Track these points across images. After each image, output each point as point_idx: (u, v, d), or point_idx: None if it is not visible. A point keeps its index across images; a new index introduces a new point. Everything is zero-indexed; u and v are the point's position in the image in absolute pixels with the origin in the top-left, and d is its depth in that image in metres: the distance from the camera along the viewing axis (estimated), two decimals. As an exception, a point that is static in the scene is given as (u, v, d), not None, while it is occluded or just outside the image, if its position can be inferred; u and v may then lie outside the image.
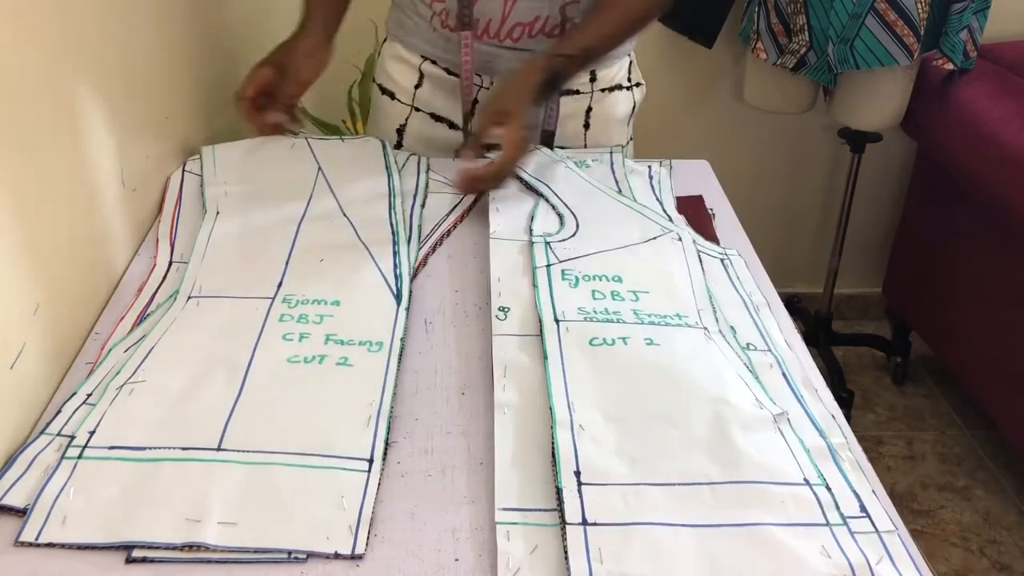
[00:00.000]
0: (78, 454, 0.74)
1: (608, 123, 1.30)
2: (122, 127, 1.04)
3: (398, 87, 1.31)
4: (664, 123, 2.26)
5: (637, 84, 1.33)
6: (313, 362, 0.85)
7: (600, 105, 1.29)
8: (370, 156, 1.20)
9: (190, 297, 0.94)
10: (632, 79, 1.32)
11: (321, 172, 1.15)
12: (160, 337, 0.87)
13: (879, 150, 2.15)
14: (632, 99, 1.32)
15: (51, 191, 0.87)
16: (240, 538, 0.68)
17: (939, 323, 2.15)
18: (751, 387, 0.84)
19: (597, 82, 1.27)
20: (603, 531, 0.69)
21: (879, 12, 1.74)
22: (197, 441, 0.76)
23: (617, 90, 1.30)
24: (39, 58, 0.84)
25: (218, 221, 1.06)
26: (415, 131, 1.31)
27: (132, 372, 0.83)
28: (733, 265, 1.05)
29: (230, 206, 1.09)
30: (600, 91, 1.28)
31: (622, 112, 1.31)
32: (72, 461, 0.73)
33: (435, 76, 1.28)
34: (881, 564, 0.68)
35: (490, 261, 1.02)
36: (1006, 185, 1.75)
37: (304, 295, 0.93)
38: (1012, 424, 1.92)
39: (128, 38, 1.06)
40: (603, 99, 1.28)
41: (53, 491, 0.71)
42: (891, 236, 2.34)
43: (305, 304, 0.92)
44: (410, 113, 1.31)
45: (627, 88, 1.31)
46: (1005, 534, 1.90)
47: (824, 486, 0.74)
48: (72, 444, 0.75)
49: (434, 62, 1.27)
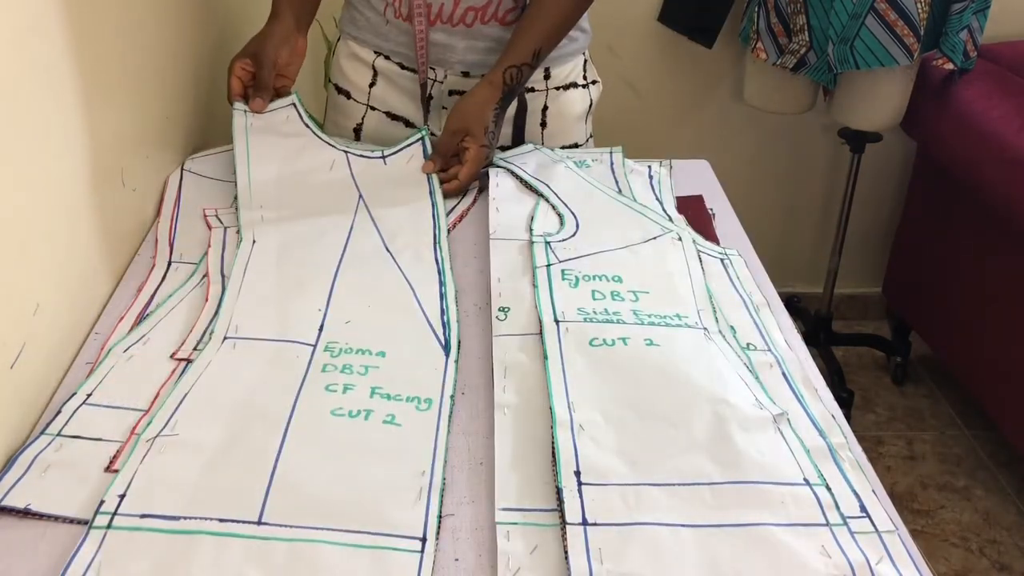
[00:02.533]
0: (107, 523, 0.69)
1: (565, 121, 1.32)
2: (122, 127, 1.04)
3: (353, 86, 1.32)
4: (664, 123, 2.26)
5: (593, 82, 1.35)
6: (358, 417, 0.80)
7: (556, 104, 1.30)
8: (413, 181, 1.16)
9: (226, 338, 0.88)
10: (588, 77, 1.34)
11: (362, 200, 1.11)
12: (194, 382, 0.82)
13: (879, 150, 2.15)
14: (588, 97, 1.34)
15: (51, 191, 0.87)
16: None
17: (939, 323, 2.15)
18: (751, 387, 0.84)
19: (551, 79, 1.29)
20: (603, 531, 0.69)
21: (879, 12, 1.74)
22: (235, 511, 0.70)
23: (572, 88, 1.31)
24: (39, 58, 0.85)
25: (255, 252, 1.01)
26: (372, 130, 1.32)
27: (164, 423, 0.78)
28: (733, 265, 1.05)
29: (267, 235, 1.04)
30: (555, 89, 1.30)
31: (579, 110, 1.33)
32: (101, 531, 0.68)
33: (389, 72, 1.29)
34: (881, 564, 0.68)
35: (490, 261, 1.02)
36: (1006, 185, 1.75)
37: (348, 343, 0.89)
38: (1012, 424, 1.92)
39: (128, 38, 1.06)
40: (558, 97, 1.30)
41: (80, 568, 0.66)
42: (891, 236, 2.34)
43: (349, 354, 0.87)
44: (366, 112, 1.31)
45: (583, 86, 1.33)
46: (1005, 534, 1.90)
47: (824, 486, 0.74)
48: (101, 511, 0.69)
49: (387, 57, 1.28)
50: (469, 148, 1.17)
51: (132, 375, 0.85)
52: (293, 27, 1.23)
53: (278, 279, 0.97)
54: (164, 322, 0.92)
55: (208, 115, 1.32)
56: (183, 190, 1.15)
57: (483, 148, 1.17)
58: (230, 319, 0.91)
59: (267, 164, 1.15)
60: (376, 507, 0.72)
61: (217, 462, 0.75)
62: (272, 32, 1.22)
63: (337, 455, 0.77)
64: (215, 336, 0.89)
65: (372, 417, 0.81)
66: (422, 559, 0.68)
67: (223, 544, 0.68)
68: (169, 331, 0.91)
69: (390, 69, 1.28)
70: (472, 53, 1.24)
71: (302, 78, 1.29)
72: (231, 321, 0.91)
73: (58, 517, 0.71)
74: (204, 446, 0.76)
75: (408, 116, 1.31)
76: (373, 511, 0.72)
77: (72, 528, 0.70)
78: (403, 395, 0.83)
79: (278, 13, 1.23)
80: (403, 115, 1.31)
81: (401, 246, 1.04)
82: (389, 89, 1.30)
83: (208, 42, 1.37)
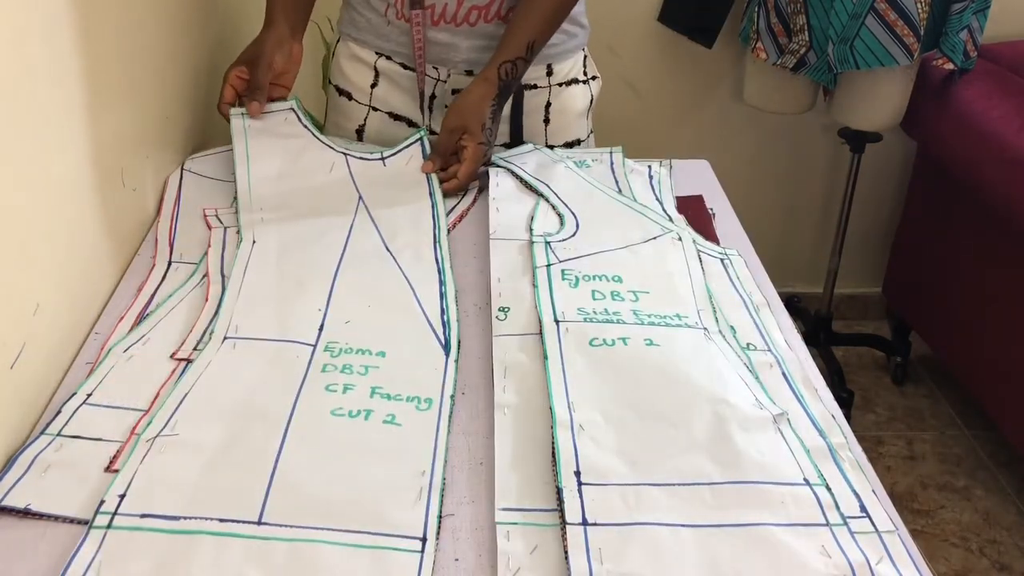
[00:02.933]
0: (107, 523, 0.69)
1: (568, 117, 1.32)
2: (122, 127, 1.04)
3: (354, 87, 1.31)
4: (664, 123, 2.26)
5: (593, 78, 1.36)
6: (358, 417, 0.80)
7: (558, 100, 1.30)
8: (412, 182, 1.16)
9: (226, 338, 0.88)
10: (588, 73, 1.34)
11: (362, 200, 1.11)
12: (194, 382, 0.83)
13: (879, 150, 2.15)
14: (589, 92, 1.35)
15: (51, 191, 0.87)
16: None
17: (939, 323, 2.15)
18: (751, 387, 0.84)
19: (553, 76, 1.29)
20: (603, 531, 0.69)
21: (879, 12, 1.74)
22: (236, 511, 0.70)
23: (574, 84, 1.32)
24: (40, 58, 0.84)
25: (254, 252, 1.01)
26: (374, 131, 1.32)
27: (164, 423, 0.78)
28: (733, 265, 1.05)
29: (267, 235, 1.04)
30: (557, 85, 1.30)
31: (580, 106, 1.33)
32: (101, 531, 0.68)
33: (391, 72, 1.28)
34: (881, 564, 0.68)
35: (490, 261, 1.02)
36: (1006, 185, 1.75)
37: (348, 343, 0.89)
38: (1012, 424, 1.92)
39: (129, 38, 1.06)
40: (560, 93, 1.30)
41: (80, 567, 0.66)
42: (891, 236, 2.34)
43: (349, 354, 0.87)
44: (368, 113, 1.31)
45: (583, 82, 1.33)
46: (1005, 534, 1.90)
47: (824, 486, 0.74)
48: (101, 511, 0.69)
49: (389, 57, 1.28)
50: (467, 146, 1.17)
51: (132, 375, 0.85)
52: (288, 34, 1.23)
53: (278, 279, 0.97)
54: (164, 322, 0.92)
55: (208, 115, 1.32)
56: (183, 190, 1.15)
57: (481, 146, 1.17)
58: (230, 319, 0.91)
59: (267, 165, 1.14)
60: (376, 507, 0.72)
61: (217, 462, 0.75)
62: (266, 38, 1.22)
63: (337, 455, 0.77)
64: (215, 336, 0.89)
65: (372, 417, 0.81)
66: (422, 559, 0.68)
67: (223, 544, 0.68)
68: (169, 331, 0.90)
69: (392, 69, 1.28)
70: (475, 52, 1.24)
71: (301, 79, 1.29)
72: (231, 321, 0.91)
73: (58, 517, 0.71)
74: (204, 446, 0.76)
75: (411, 116, 1.31)
76: (373, 511, 0.71)
77: (72, 528, 0.70)
78: (403, 395, 0.83)
79: (272, 21, 1.23)
80: (406, 115, 1.31)
81: (401, 245, 1.04)
82: (391, 89, 1.30)
83: (208, 42, 1.37)
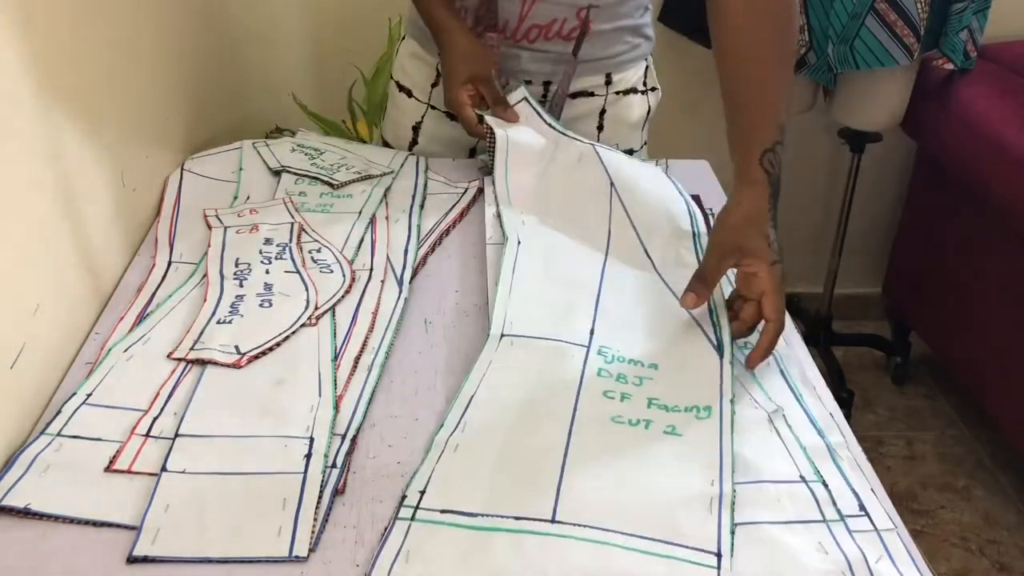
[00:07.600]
0: (411, 515, 0.71)
1: (621, 126, 1.29)
2: (122, 127, 1.04)
3: (415, 85, 1.30)
4: (664, 123, 2.24)
5: (652, 88, 1.31)
6: (638, 426, 0.80)
7: (614, 108, 1.27)
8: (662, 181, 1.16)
9: (503, 335, 0.89)
10: (648, 83, 1.30)
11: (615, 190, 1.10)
12: (479, 381, 0.84)
13: (879, 150, 2.15)
14: (647, 103, 1.31)
15: (51, 191, 0.87)
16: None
17: (939, 323, 2.15)
18: (747, 386, 0.84)
19: (612, 85, 1.26)
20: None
21: (879, 12, 1.74)
22: (530, 510, 0.71)
23: (632, 93, 1.28)
24: (40, 57, 0.85)
25: (521, 251, 1.02)
26: (430, 130, 1.30)
27: (456, 424, 0.80)
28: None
29: (531, 237, 1.05)
30: (615, 94, 1.26)
31: (636, 116, 1.30)
32: (406, 522, 0.71)
33: None
34: (881, 563, 0.69)
35: (487, 264, 1.02)
36: (1006, 185, 1.75)
37: (619, 351, 0.89)
38: (1012, 424, 1.91)
39: (129, 38, 1.06)
40: (617, 102, 1.27)
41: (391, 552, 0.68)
42: (891, 236, 2.34)
43: (622, 363, 0.87)
44: (426, 111, 1.30)
45: (642, 92, 1.29)
46: (1005, 534, 1.89)
47: (820, 482, 0.74)
48: (404, 504, 0.72)
49: None
50: (758, 274, 0.92)
51: (132, 375, 0.85)
52: (474, 37, 1.19)
53: (544, 279, 0.98)
54: (164, 322, 0.92)
55: (208, 115, 1.32)
56: (183, 190, 1.15)
57: (776, 266, 0.92)
58: (504, 316, 0.92)
59: (525, 168, 1.14)
60: (668, 517, 0.71)
61: (508, 460, 0.76)
62: (470, 53, 1.17)
63: (621, 462, 0.76)
64: (491, 334, 0.90)
65: (652, 427, 0.80)
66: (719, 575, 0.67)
67: (519, 541, 0.69)
68: (169, 331, 0.90)
69: None
70: (535, 63, 1.21)
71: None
72: (505, 318, 0.91)
73: (58, 517, 0.71)
74: (494, 444, 0.77)
75: None
76: (665, 520, 0.71)
77: (72, 528, 0.70)
78: (681, 406, 0.82)
79: (449, 27, 1.18)
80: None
81: (658, 243, 1.04)
82: None
83: (208, 42, 1.37)
